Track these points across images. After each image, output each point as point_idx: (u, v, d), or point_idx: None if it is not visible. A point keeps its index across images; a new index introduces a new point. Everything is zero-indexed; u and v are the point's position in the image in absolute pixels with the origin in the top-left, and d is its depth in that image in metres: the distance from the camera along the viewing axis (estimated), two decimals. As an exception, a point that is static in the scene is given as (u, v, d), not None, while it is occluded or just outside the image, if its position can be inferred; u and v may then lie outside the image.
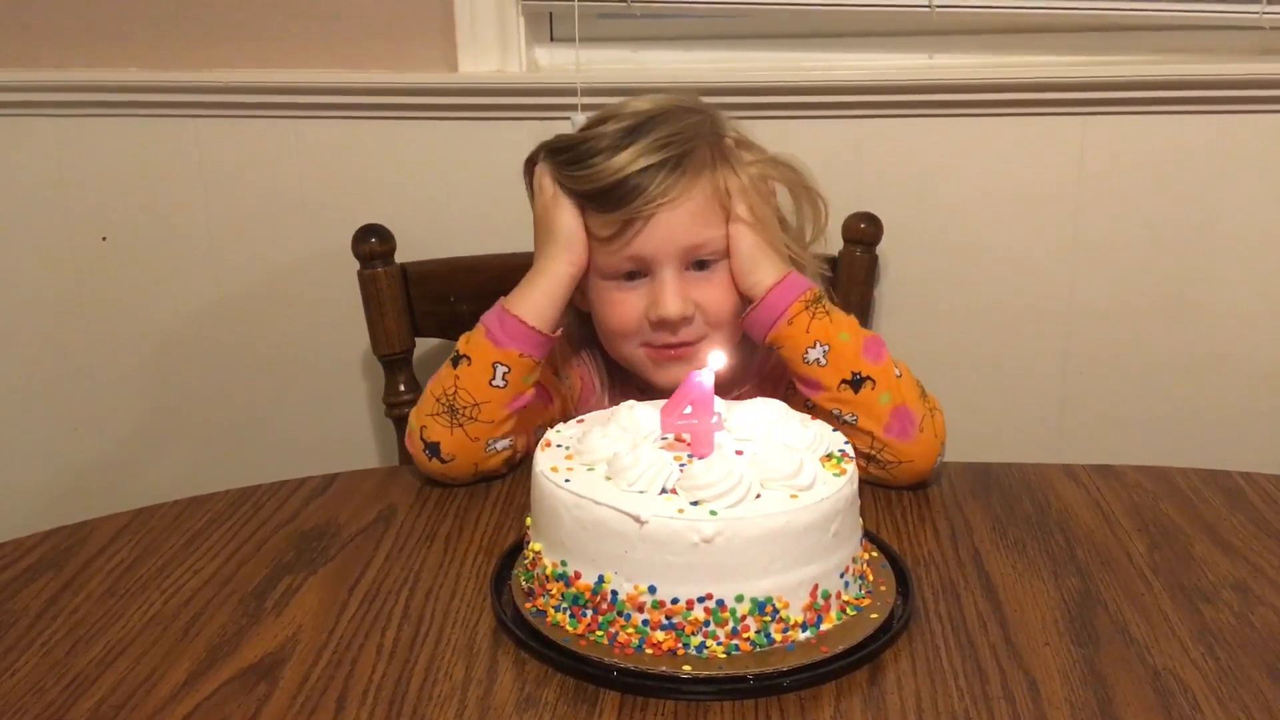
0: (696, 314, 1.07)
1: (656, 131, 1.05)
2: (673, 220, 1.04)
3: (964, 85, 1.40)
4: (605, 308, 1.10)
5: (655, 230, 1.04)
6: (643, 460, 0.75)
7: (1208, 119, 1.39)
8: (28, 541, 0.92)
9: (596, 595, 0.73)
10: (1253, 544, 0.89)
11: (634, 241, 1.05)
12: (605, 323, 1.11)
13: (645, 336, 1.09)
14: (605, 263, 1.07)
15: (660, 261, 1.06)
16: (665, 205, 1.04)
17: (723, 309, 1.08)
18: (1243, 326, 1.45)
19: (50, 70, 1.50)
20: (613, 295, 1.09)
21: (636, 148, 1.04)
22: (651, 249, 1.05)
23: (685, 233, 1.05)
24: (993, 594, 0.82)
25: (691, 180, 1.05)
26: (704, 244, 1.06)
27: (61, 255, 1.56)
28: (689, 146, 1.06)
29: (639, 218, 1.04)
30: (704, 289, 1.07)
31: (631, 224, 1.04)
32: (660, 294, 1.06)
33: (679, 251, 1.06)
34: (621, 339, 1.10)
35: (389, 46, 1.47)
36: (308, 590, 0.84)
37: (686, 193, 1.05)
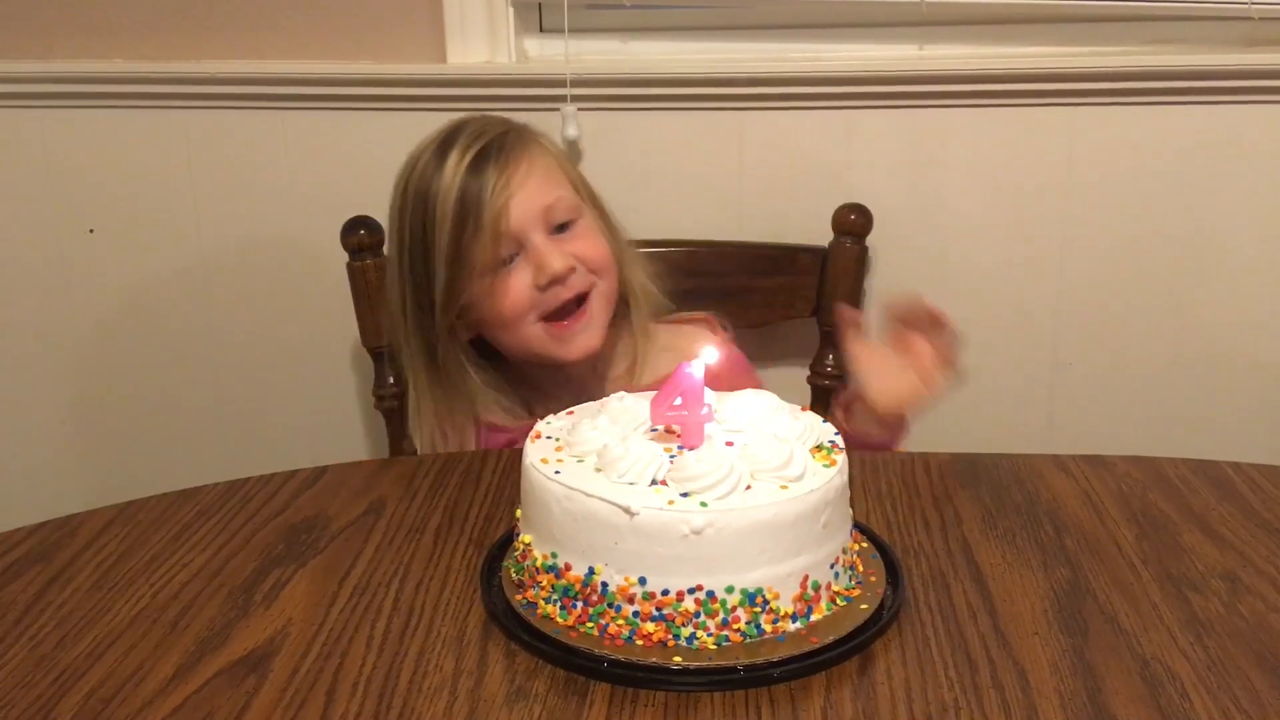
0: (578, 265, 1.14)
1: (466, 133, 1.14)
2: (521, 192, 1.12)
3: (954, 76, 1.40)
4: (496, 298, 1.14)
5: (511, 206, 1.11)
6: (633, 452, 0.75)
7: (1196, 110, 1.39)
8: (15, 535, 0.92)
9: (587, 587, 0.73)
10: (1241, 533, 0.89)
11: (496, 221, 1.11)
12: (499, 311, 1.15)
13: (540, 308, 1.14)
14: (482, 257, 1.12)
15: (526, 231, 1.13)
16: (513, 179, 1.11)
17: (598, 255, 1.17)
18: (1232, 317, 1.46)
19: (36, 62, 1.49)
20: (498, 284, 1.14)
21: (456, 151, 1.12)
22: (514, 220, 1.12)
23: (537, 197, 1.13)
24: (982, 584, 0.82)
25: (517, 154, 1.13)
26: (556, 202, 1.14)
27: (48, 247, 1.56)
28: (497, 132, 1.15)
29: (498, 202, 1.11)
30: (574, 244, 1.15)
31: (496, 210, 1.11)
32: (540, 257, 1.13)
33: (538, 216, 1.13)
34: (518, 320, 1.15)
35: (377, 37, 1.47)
36: (297, 583, 0.84)
37: (518, 165, 1.13)
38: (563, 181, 1.17)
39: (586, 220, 1.18)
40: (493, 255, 1.12)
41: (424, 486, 1.00)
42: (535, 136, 1.18)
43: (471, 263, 1.12)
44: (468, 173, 1.11)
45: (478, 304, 1.15)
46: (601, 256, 1.17)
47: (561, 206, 1.15)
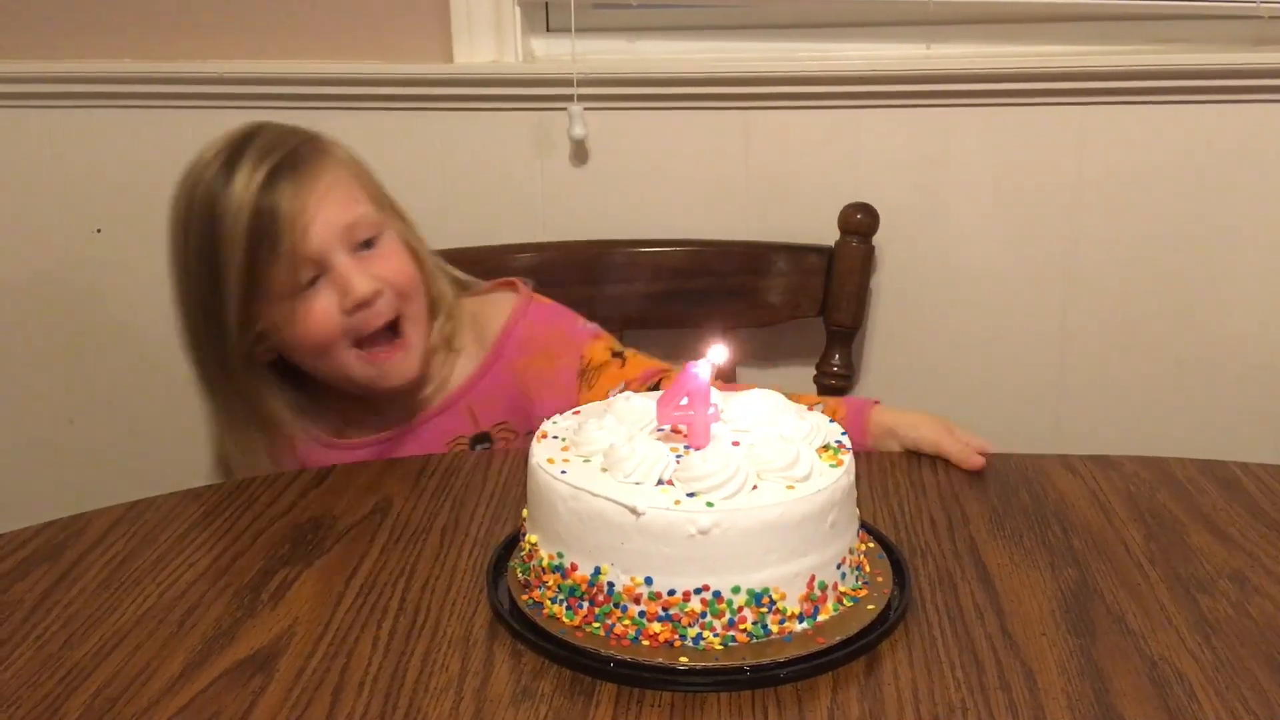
0: (384, 287, 1.08)
1: (254, 145, 1.06)
2: (321, 212, 1.05)
3: (961, 75, 1.39)
4: (300, 325, 1.07)
5: (311, 227, 1.05)
6: (639, 451, 0.75)
7: (1205, 109, 1.38)
8: (23, 534, 0.92)
9: (593, 587, 0.73)
10: (1249, 534, 0.89)
11: (298, 245, 1.04)
12: (306, 339, 1.08)
13: (351, 334, 1.08)
14: (280, 282, 1.05)
15: (328, 253, 1.06)
16: (309, 196, 1.05)
17: (404, 276, 1.10)
18: (1241, 317, 1.45)
19: (43, 61, 1.49)
20: (300, 309, 1.07)
21: (247, 166, 1.05)
22: (315, 243, 1.05)
23: (338, 215, 1.06)
24: (989, 584, 0.82)
25: (314, 169, 1.07)
26: (358, 220, 1.08)
27: (55, 247, 1.56)
28: (292, 145, 1.07)
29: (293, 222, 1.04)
30: (378, 264, 1.09)
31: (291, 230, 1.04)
32: (344, 281, 1.06)
33: (340, 235, 1.06)
34: (328, 348, 1.08)
35: (384, 36, 1.47)
36: (303, 582, 0.84)
37: (316, 182, 1.06)
38: (362, 197, 1.10)
39: (389, 236, 1.11)
40: (292, 280, 1.05)
41: (430, 486, 1.00)
42: (331, 148, 1.11)
43: (268, 288, 1.05)
44: (260, 190, 1.03)
45: (279, 329, 1.08)
46: (408, 277, 1.11)
47: (364, 224, 1.08)
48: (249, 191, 1.04)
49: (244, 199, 1.04)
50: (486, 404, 1.17)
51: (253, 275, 1.04)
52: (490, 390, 1.17)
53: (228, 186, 1.04)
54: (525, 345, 1.18)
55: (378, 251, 1.10)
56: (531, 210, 1.48)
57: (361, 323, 1.08)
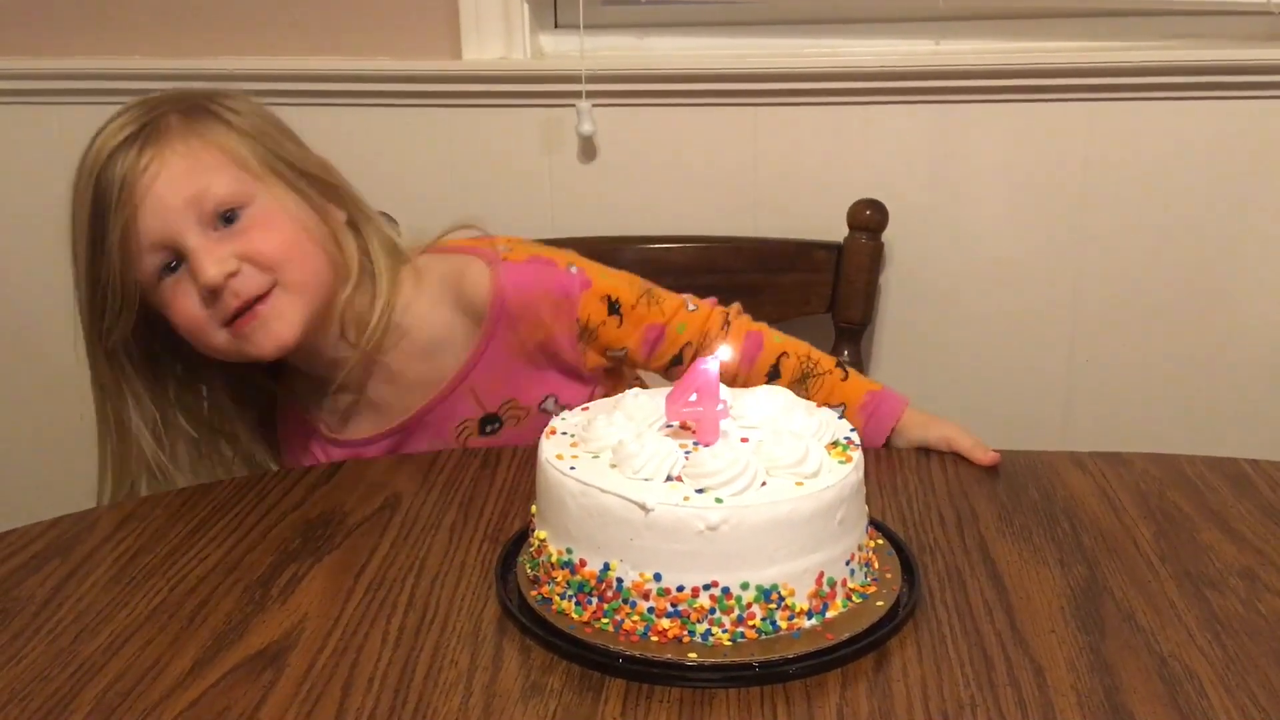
0: (244, 266, 1.00)
1: (124, 115, 1.01)
2: (158, 187, 0.98)
3: (971, 71, 1.39)
4: (171, 316, 1.02)
5: (149, 206, 0.98)
6: (648, 448, 0.75)
7: (1216, 105, 1.38)
8: (34, 529, 0.92)
9: (602, 583, 0.73)
10: (1260, 531, 0.89)
11: (137, 231, 0.98)
12: (181, 329, 1.03)
13: (218, 317, 1.01)
14: (141, 269, 1.00)
15: (176, 234, 0.99)
16: (143, 173, 0.98)
17: (272, 247, 1.01)
18: (1251, 313, 1.45)
19: (54, 58, 1.50)
20: (163, 297, 1.02)
21: (102, 136, 1.00)
22: (158, 225, 0.98)
23: (177, 190, 0.98)
24: (999, 581, 0.82)
25: (162, 141, 0.99)
26: (204, 192, 0.99)
27: (65, 243, 1.56)
28: (152, 115, 1.01)
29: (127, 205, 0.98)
30: (241, 239, 1.00)
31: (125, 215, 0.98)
32: (192, 264, 0.99)
33: (184, 212, 0.99)
34: (203, 334, 1.02)
35: (393, 33, 1.47)
36: (313, 578, 0.84)
37: (159, 154, 0.99)
38: (220, 165, 1.01)
39: (260, 204, 1.02)
40: (144, 269, 0.99)
41: (439, 482, 1.00)
42: (198, 113, 1.03)
43: (124, 277, 0.99)
44: (100, 172, 0.98)
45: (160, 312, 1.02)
46: (277, 247, 1.01)
47: (214, 195, 0.99)
48: (91, 166, 0.99)
49: (86, 183, 0.99)
50: (489, 384, 1.11)
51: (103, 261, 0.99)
52: (489, 370, 1.11)
53: (82, 165, 1.00)
54: (516, 317, 1.09)
55: (241, 225, 1.01)
56: (539, 207, 1.49)
57: (223, 307, 1.00)
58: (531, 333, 1.10)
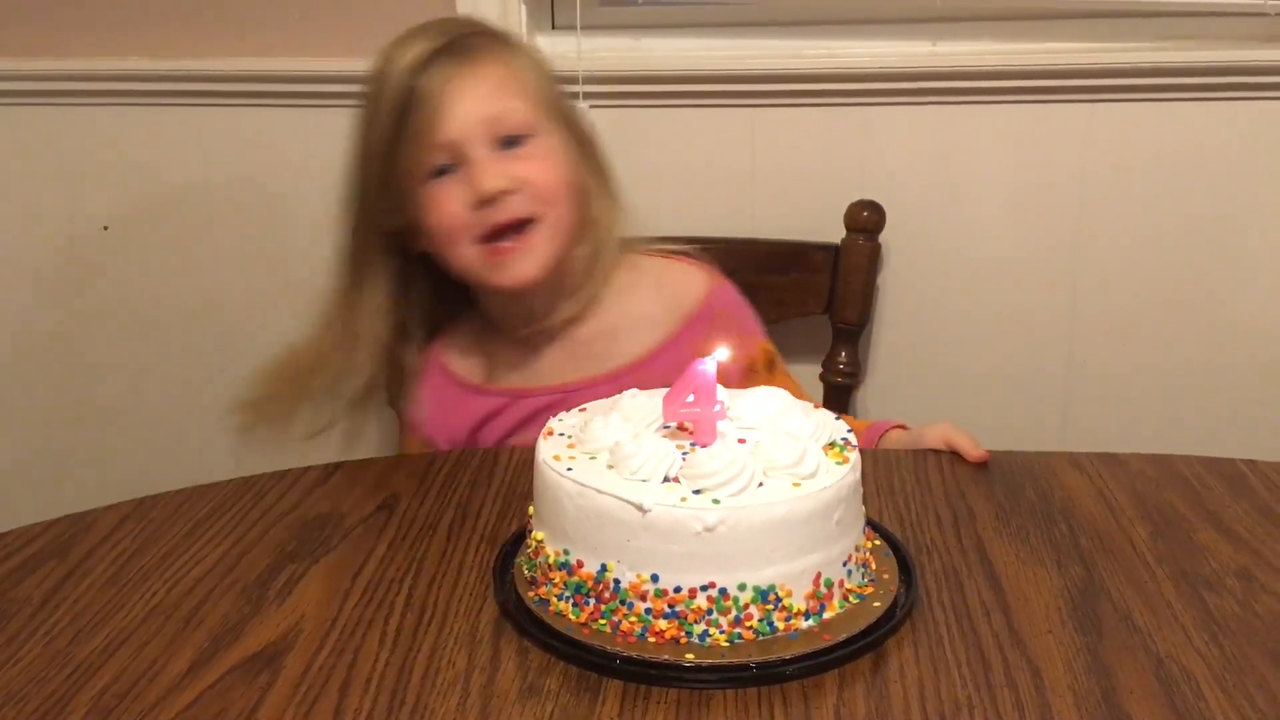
0: (521, 189, 1.05)
1: (431, 28, 1.07)
2: (466, 98, 1.04)
3: (968, 73, 1.39)
4: (428, 213, 1.07)
5: (452, 110, 1.03)
6: (645, 448, 0.75)
7: (1214, 106, 1.38)
8: (31, 530, 0.92)
9: (599, 584, 0.73)
10: (1256, 531, 0.89)
11: (435, 128, 1.03)
12: (433, 228, 1.07)
13: (475, 229, 1.06)
14: (414, 164, 1.05)
15: (464, 141, 1.04)
16: (456, 81, 1.03)
17: (547, 178, 1.06)
18: (1249, 313, 1.45)
19: (53, 59, 1.50)
20: (431, 195, 1.06)
21: (415, 45, 1.05)
22: (451, 128, 1.04)
23: (483, 105, 1.04)
24: (996, 582, 0.82)
25: (476, 59, 1.05)
26: (504, 114, 1.05)
27: (63, 244, 1.56)
28: (464, 32, 1.08)
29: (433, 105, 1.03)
30: (522, 164, 1.06)
31: (429, 113, 1.03)
32: (474, 173, 1.04)
33: (479, 124, 1.04)
34: (452, 240, 1.07)
35: (390, 35, 1.47)
36: (310, 579, 0.84)
37: (474, 71, 1.05)
38: (522, 93, 1.07)
39: (544, 140, 1.07)
40: (425, 164, 1.04)
41: (437, 483, 1.00)
42: (504, 43, 1.09)
43: (405, 167, 1.04)
44: (415, 70, 1.04)
45: (417, 215, 1.07)
46: (552, 182, 1.06)
47: (511, 120, 1.05)
48: (406, 68, 1.04)
49: (400, 74, 1.04)
50: (660, 380, 1.12)
51: (396, 153, 1.04)
52: (666, 366, 1.11)
53: (394, 60, 1.05)
54: (713, 327, 1.15)
55: (524, 151, 1.06)
56: (538, 208, 1.48)
57: (485, 219, 1.05)
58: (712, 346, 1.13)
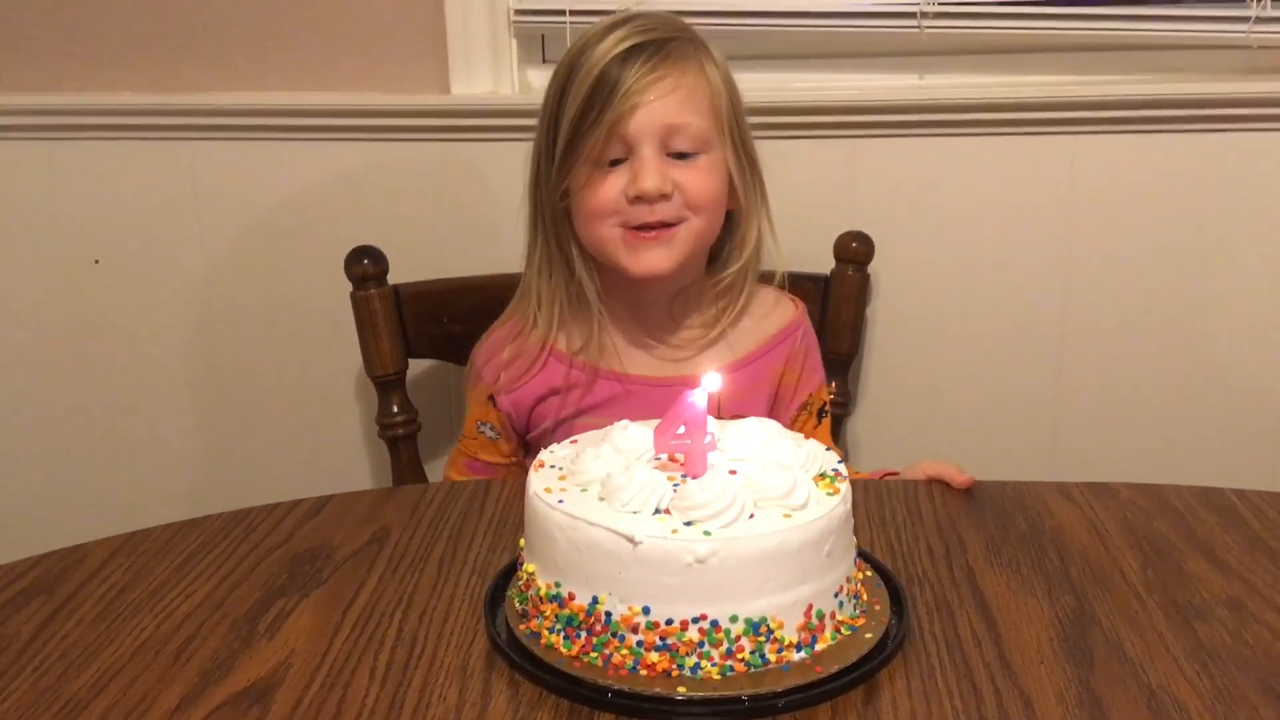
0: (676, 194, 1.10)
1: (637, 21, 1.11)
2: (656, 102, 1.08)
3: (954, 105, 1.41)
4: (587, 191, 1.11)
5: (641, 109, 1.08)
6: (636, 480, 0.75)
7: (1196, 137, 1.40)
8: (20, 566, 0.92)
9: (590, 616, 0.73)
10: (1246, 561, 0.89)
11: (617, 120, 1.08)
12: (585, 205, 1.12)
13: (623, 215, 1.11)
14: (589, 146, 1.09)
15: (640, 139, 1.09)
16: (651, 84, 1.08)
17: (703, 192, 1.11)
18: (1235, 342, 1.46)
19: (44, 94, 1.50)
20: (595, 177, 1.11)
21: (619, 34, 1.09)
22: (632, 125, 1.08)
23: (666, 112, 1.09)
24: (987, 612, 0.82)
25: (673, 64, 1.10)
26: (685, 125, 1.10)
27: (53, 278, 1.56)
28: (670, 35, 1.11)
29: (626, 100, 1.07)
30: (685, 172, 1.11)
31: (620, 107, 1.08)
32: (639, 169, 1.09)
33: (659, 129, 1.09)
34: (598, 218, 1.12)
35: (382, 68, 1.48)
36: (301, 613, 0.84)
37: (667, 75, 1.09)
38: (707, 108, 1.12)
39: (712, 158, 1.13)
40: (601, 150, 1.09)
41: (428, 516, 1.00)
42: (705, 54, 1.14)
43: (582, 147, 1.09)
44: (615, 60, 1.08)
45: (575, 190, 1.12)
46: (706, 195, 1.12)
47: (688, 134, 1.10)
48: (605, 57, 1.08)
49: (598, 62, 1.08)
50: (735, 393, 1.17)
51: (575, 132, 1.09)
52: (744, 381, 1.20)
53: (595, 46, 1.09)
54: (790, 357, 1.24)
55: (691, 164, 1.11)
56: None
57: (636, 213, 1.10)
58: (788, 375, 1.24)
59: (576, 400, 1.20)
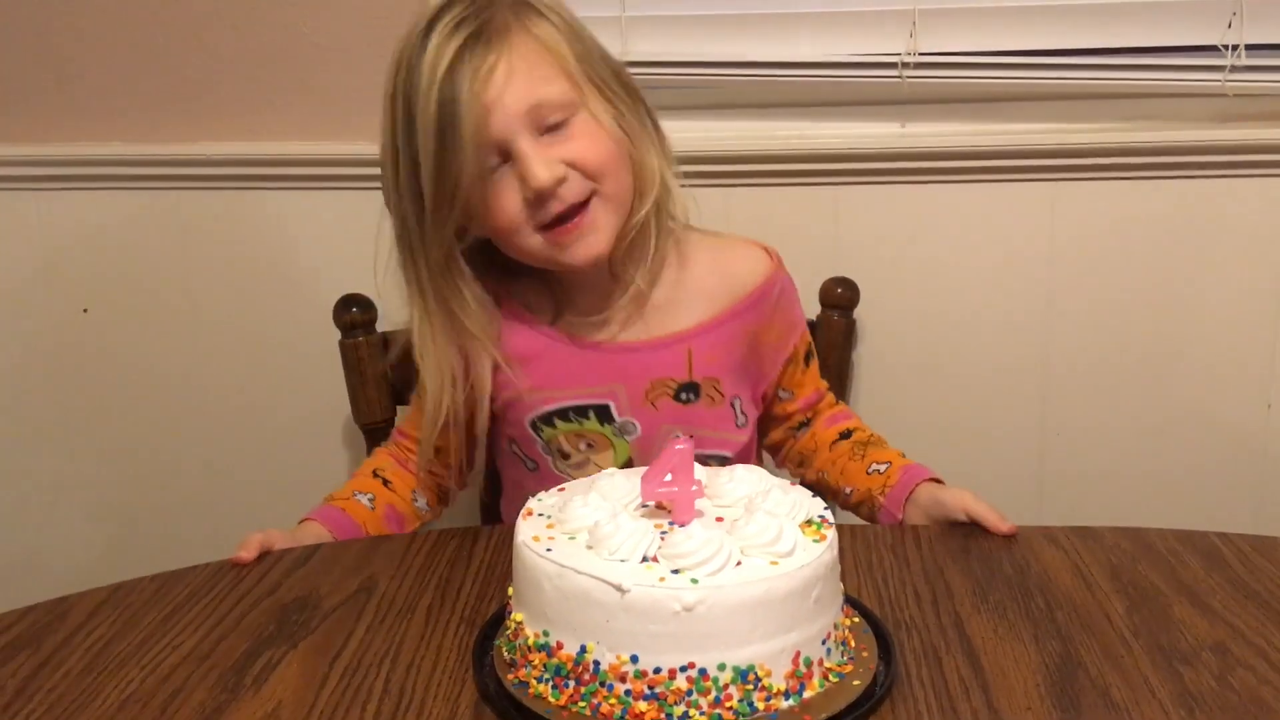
0: (570, 173, 1.03)
1: (448, 14, 1.02)
2: (504, 93, 1.01)
3: (936, 153, 1.43)
4: (487, 213, 1.05)
5: (492, 111, 1.00)
6: (623, 528, 0.75)
7: (1174, 184, 1.42)
8: (5, 619, 0.91)
9: (579, 666, 0.73)
10: (1231, 605, 0.89)
11: (479, 133, 1.00)
12: (493, 224, 1.06)
13: (534, 220, 1.05)
14: (466, 170, 1.01)
15: (509, 138, 1.02)
16: (489, 78, 1.00)
17: (594, 155, 1.04)
18: (1214, 386, 1.47)
19: (35, 145, 1.51)
20: (488, 194, 1.04)
21: (437, 38, 1.01)
22: (497, 130, 1.01)
23: (521, 97, 1.01)
24: (974, 658, 0.82)
25: (500, 44, 1.01)
26: (542, 101, 1.02)
27: (43, 326, 1.56)
28: (485, 15, 1.02)
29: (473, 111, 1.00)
30: (566, 146, 1.04)
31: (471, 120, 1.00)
32: (524, 168, 1.02)
33: (522, 119, 1.01)
34: (513, 234, 1.06)
35: (369, 119, 1.49)
36: (288, 665, 0.84)
37: (500, 59, 1.01)
38: (555, 73, 1.04)
39: (584, 116, 1.05)
40: (476, 166, 1.01)
41: (415, 564, 1.00)
42: (529, 12, 1.05)
43: (456, 176, 1.01)
44: (445, 74, 0.99)
45: (474, 214, 1.05)
46: (600, 157, 1.05)
47: (550, 105, 1.02)
48: (436, 74, 1.00)
49: (431, 82, 1.00)
50: (708, 354, 1.14)
51: (442, 164, 1.01)
52: (718, 343, 1.15)
53: (419, 64, 1.01)
54: (767, 311, 1.18)
55: (568, 132, 1.04)
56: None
57: (544, 211, 1.04)
58: (764, 331, 1.18)
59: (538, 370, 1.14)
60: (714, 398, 1.16)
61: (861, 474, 1.16)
